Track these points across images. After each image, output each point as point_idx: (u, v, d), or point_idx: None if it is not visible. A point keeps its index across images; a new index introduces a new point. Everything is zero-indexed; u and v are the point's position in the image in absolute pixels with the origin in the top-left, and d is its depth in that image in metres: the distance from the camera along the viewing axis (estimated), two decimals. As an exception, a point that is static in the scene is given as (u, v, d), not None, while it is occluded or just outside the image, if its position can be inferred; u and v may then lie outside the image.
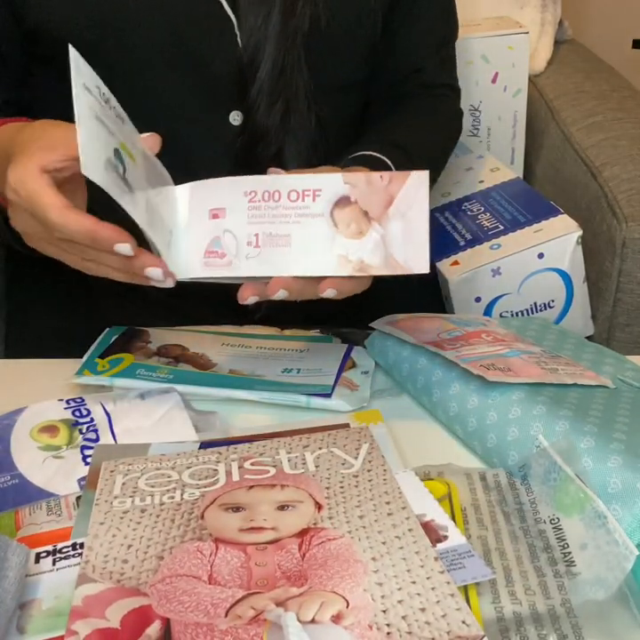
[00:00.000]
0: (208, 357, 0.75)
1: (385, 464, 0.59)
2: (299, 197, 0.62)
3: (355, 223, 0.61)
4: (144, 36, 0.76)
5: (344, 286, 0.63)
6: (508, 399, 0.63)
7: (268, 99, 0.79)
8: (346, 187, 0.61)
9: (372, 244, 0.61)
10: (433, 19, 0.93)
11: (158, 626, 0.46)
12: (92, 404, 0.67)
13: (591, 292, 1.00)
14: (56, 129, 0.64)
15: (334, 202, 0.61)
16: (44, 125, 0.66)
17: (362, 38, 0.85)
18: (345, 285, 0.63)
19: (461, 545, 0.52)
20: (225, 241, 0.63)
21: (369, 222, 0.61)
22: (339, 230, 0.61)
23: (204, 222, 0.63)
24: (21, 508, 0.57)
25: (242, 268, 0.62)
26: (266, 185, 0.62)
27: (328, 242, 0.61)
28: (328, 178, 0.62)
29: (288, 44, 0.78)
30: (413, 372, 0.71)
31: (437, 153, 0.98)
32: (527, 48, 1.26)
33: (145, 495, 0.56)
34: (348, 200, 0.61)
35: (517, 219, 0.98)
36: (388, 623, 0.45)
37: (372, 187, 0.61)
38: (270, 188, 0.62)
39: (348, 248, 0.61)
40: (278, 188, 0.62)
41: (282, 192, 0.62)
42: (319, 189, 0.61)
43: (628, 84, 1.36)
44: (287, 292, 0.62)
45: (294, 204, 0.62)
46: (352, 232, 0.61)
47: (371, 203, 0.61)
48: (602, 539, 0.51)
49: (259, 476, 0.58)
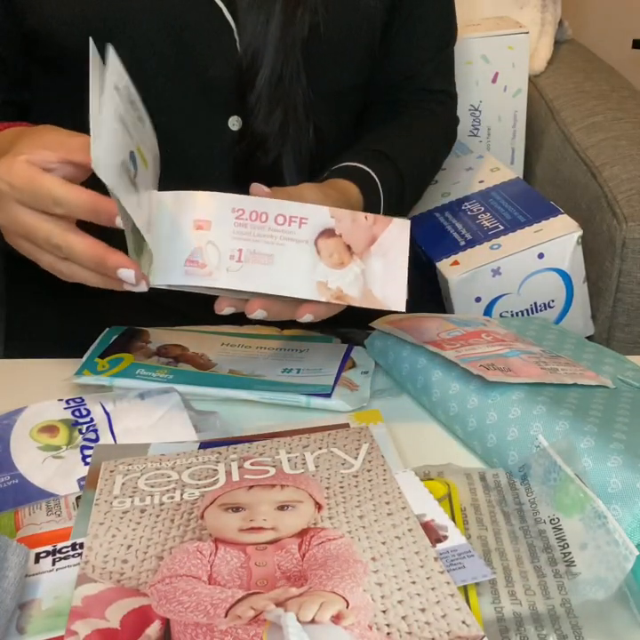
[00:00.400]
0: (208, 357, 0.75)
1: (385, 464, 0.59)
2: (285, 222, 0.63)
3: (337, 254, 0.63)
4: (143, 41, 0.76)
5: (320, 311, 0.64)
6: (508, 399, 0.63)
7: (267, 106, 0.79)
8: (331, 220, 0.63)
9: (352, 276, 0.63)
10: (431, 23, 0.93)
11: (158, 626, 0.45)
12: (92, 404, 0.67)
13: (591, 292, 1.00)
14: (55, 132, 0.65)
15: (319, 232, 0.63)
16: (44, 129, 0.66)
17: (361, 44, 0.85)
18: (321, 310, 0.64)
19: (461, 545, 0.52)
20: (207, 252, 0.63)
21: (351, 256, 0.63)
22: (321, 258, 0.63)
23: (187, 232, 0.63)
24: (21, 508, 0.57)
25: (221, 280, 0.63)
26: (254, 205, 0.63)
27: (309, 267, 0.62)
28: (315, 210, 0.63)
29: (287, 50, 0.78)
30: (413, 372, 0.71)
31: (426, 163, 0.98)
32: (527, 48, 1.26)
33: (145, 495, 0.56)
34: (333, 232, 0.63)
35: (517, 219, 0.98)
36: (388, 623, 0.45)
37: (357, 224, 0.63)
38: (258, 209, 0.63)
39: (328, 276, 0.62)
40: (266, 210, 0.63)
41: (269, 214, 0.63)
42: (306, 218, 0.63)
43: (628, 84, 1.36)
44: (265, 312, 0.63)
45: (281, 228, 0.63)
46: (334, 262, 0.63)
47: (354, 238, 0.63)
48: (602, 539, 0.51)
49: (258, 476, 0.58)
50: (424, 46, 0.94)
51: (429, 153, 0.98)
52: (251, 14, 0.77)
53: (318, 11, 0.78)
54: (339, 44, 0.82)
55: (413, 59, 0.94)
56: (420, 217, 1.06)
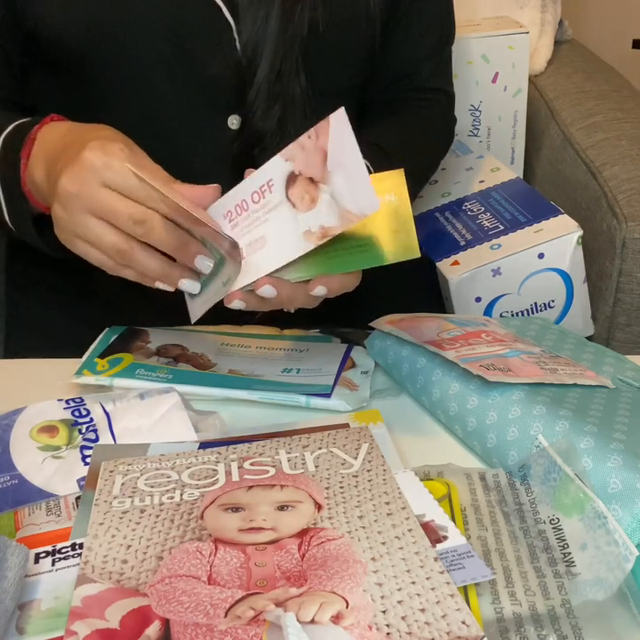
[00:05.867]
0: (207, 357, 0.75)
1: (385, 464, 0.59)
2: (260, 196, 0.62)
3: (306, 194, 0.60)
4: (142, 40, 0.76)
5: (332, 282, 0.62)
6: (508, 399, 0.63)
7: (265, 103, 0.79)
8: (288, 164, 0.61)
9: (325, 206, 0.60)
10: (430, 22, 0.93)
11: (158, 626, 0.45)
12: (92, 404, 0.67)
13: (591, 292, 1.00)
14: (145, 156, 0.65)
15: (285, 183, 0.61)
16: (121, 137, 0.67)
17: (360, 43, 0.85)
18: (333, 282, 0.62)
19: (461, 545, 0.52)
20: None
21: (317, 187, 0.60)
22: (297, 209, 0.61)
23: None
24: (21, 508, 0.57)
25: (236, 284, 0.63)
26: (234, 199, 0.63)
27: (293, 224, 0.61)
28: (271, 163, 0.61)
29: (286, 48, 0.78)
30: (413, 372, 0.71)
31: (423, 159, 0.97)
32: (527, 48, 1.26)
33: (144, 495, 0.56)
34: (295, 175, 0.60)
35: (517, 219, 0.98)
36: (388, 624, 0.45)
37: (307, 150, 0.60)
38: (238, 200, 0.63)
39: (308, 222, 0.60)
40: (243, 196, 0.62)
41: (247, 199, 0.62)
42: (270, 179, 0.61)
43: (628, 84, 1.37)
44: (275, 290, 0.61)
45: (259, 204, 0.62)
46: (306, 204, 0.60)
47: (311, 167, 0.60)
48: (602, 539, 0.51)
49: (258, 476, 0.58)
50: (422, 44, 0.94)
51: (426, 149, 0.98)
52: (250, 10, 0.77)
53: (317, 7, 0.78)
54: (338, 42, 0.82)
55: (412, 57, 0.94)
56: (420, 217, 1.06)
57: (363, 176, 0.58)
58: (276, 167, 0.61)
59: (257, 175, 0.62)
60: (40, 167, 0.67)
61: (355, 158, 0.58)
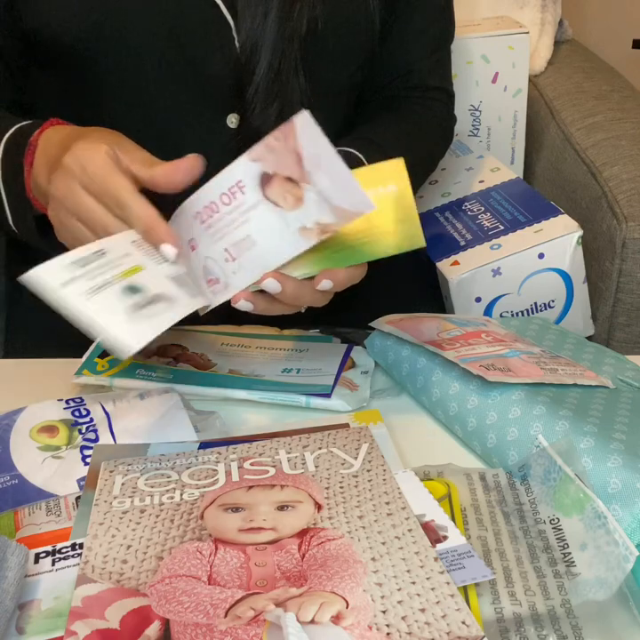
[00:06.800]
0: (208, 357, 0.75)
1: (385, 464, 0.59)
2: (230, 198, 0.61)
3: (288, 193, 0.59)
4: (141, 39, 0.76)
5: (338, 275, 0.62)
6: (508, 399, 0.63)
7: (264, 101, 0.79)
8: (257, 164, 0.59)
9: (314, 204, 0.58)
10: (429, 20, 0.93)
11: (158, 626, 0.45)
12: (92, 404, 0.67)
13: (591, 292, 1.00)
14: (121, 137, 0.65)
15: (259, 184, 0.60)
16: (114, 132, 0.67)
17: (360, 41, 0.85)
18: (339, 275, 0.62)
19: (461, 545, 0.52)
20: (210, 267, 0.63)
21: (299, 186, 0.59)
22: (282, 207, 0.59)
23: (191, 256, 0.64)
24: (21, 508, 0.57)
25: (236, 285, 0.62)
26: (202, 201, 0.62)
27: (281, 222, 0.59)
28: (237, 165, 0.60)
29: (285, 46, 0.78)
30: (413, 372, 0.71)
31: (421, 156, 0.97)
32: (527, 48, 1.26)
33: (144, 495, 0.56)
34: (268, 175, 0.59)
35: (517, 219, 0.98)
36: (388, 624, 0.45)
37: (276, 151, 0.59)
38: (206, 202, 0.62)
39: (300, 219, 0.59)
40: (211, 198, 0.61)
41: (215, 201, 0.61)
42: (239, 180, 0.60)
43: (628, 84, 1.37)
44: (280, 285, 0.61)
45: (232, 206, 0.61)
46: (291, 203, 0.59)
47: (285, 167, 0.58)
48: (602, 539, 0.51)
49: (258, 476, 0.58)
50: (421, 43, 0.94)
51: (424, 146, 0.97)
52: (249, 9, 0.77)
53: (316, 6, 0.78)
54: (337, 40, 0.82)
55: (410, 55, 0.93)
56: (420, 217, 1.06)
57: (346, 175, 0.57)
58: (243, 168, 0.60)
59: (222, 177, 0.61)
60: (43, 174, 0.68)
61: (334, 162, 0.57)
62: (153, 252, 0.62)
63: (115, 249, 0.60)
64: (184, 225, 0.64)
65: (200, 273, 0.63)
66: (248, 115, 0.80)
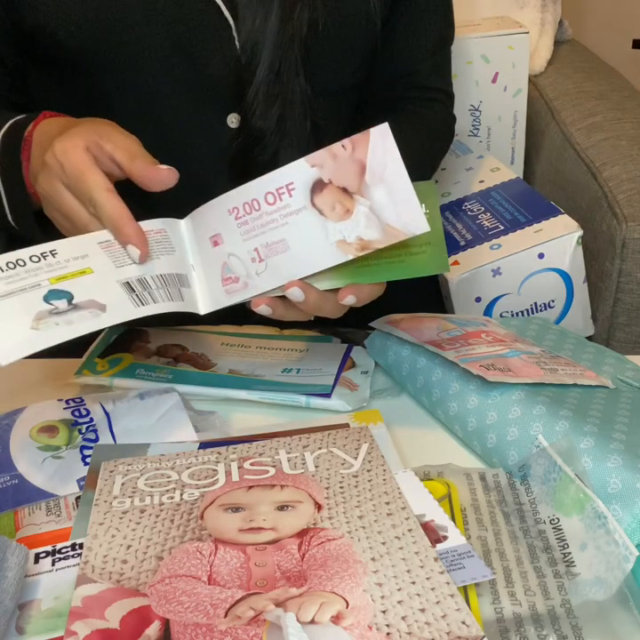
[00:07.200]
0: (208, 357, 0.75)
1: (385, 464, 0.59)
2: (276, 198, 0.60)
3: (338, 204, 0.58)
4: (142, 39, 0.76)
5: (362, 291, 0.62)
6: (508, 399, 0.63)
7: (265, 102, 0.79)
8: (314, 170, 0.59)
9: (364, 218, 0.58)
10: (429, 21, 0.93)
11: (158, 626, 0.45)
12: (92, 404, 0.67)
13: (591, 292, 1.00)
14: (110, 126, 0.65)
15: (310, 189, 0.59)
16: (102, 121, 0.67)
17: (360, 43, 0.85)
18: (362, 290, 0.62)
19: (461, 545, 0.52)
20: (233, 265, 0.62)
21: (351, 198, 0.58)
22: (326, 216, 0.59)
23: (210, 252, 0.63)
24: (21, 508, 0.57)
25: (258, 286, 0.62)
26: (243, 196, 0.61)
27: (322, 232, 0.59)
28: (294, 167, 0.59)
29: (285, 47, 0.78)
30: (413, 372, 0.71)
31: (423, 155, 0.97)
32: (527, 48, 1.26)
33: (144, 495, 0.56)
34: (323, 182, 0.58)
35: (517, 219, 0.98)
36: (388, 624, 0.45)
37: (339, 160, 0.58)
38: (248, 199, 0.61)
39: (342, 231, 0.58)
40: (254, 195, 0.60)
41: (259, 199, 0.60)
42: (290, 182, 0.59)
43: (628, 84, 1.37)
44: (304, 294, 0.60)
45: (275, 207, 0.60)
46: (339, 214, 0.58)
47: (344, 177, 0.58)
48: (602, 539, 0.51)
49: (258, 476, 0.58)
50: (422, 44, 0.94)
51: (425, 147, 0.97)
52: (250, 9, 0.77)
53: (317, 7, 0.78)
54: (338, 41, 0.82)
55: (411, 56, 0.94)
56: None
57: (409, 195, 0.57)
58: (299, 171, 0.59)
59: (273, 176, 0.60)
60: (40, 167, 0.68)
61: (400, 176, 0.57)
62: (122, 254, 0.61)
63: (69, 250, 0.60)
64: (211, 218, 0.63)
65: (216, 270, 0.63)
66: (249, 115, 0.80)
